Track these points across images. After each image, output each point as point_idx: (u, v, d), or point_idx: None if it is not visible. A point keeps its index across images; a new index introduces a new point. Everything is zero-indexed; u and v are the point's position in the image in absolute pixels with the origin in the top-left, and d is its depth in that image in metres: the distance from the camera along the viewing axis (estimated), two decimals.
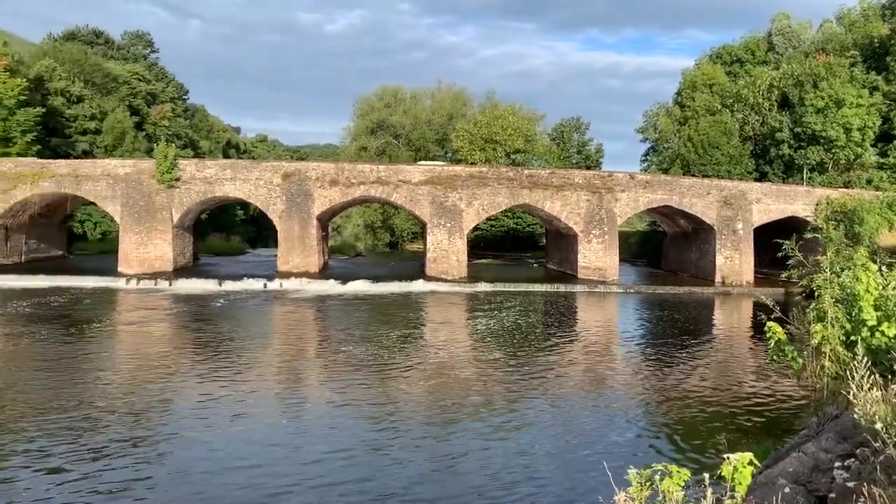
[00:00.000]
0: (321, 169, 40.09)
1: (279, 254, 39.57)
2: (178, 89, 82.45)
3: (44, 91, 54.12)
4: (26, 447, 12.68)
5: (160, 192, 38.56)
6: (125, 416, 14.50)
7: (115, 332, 25.04)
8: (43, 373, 18.02)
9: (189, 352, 21.90)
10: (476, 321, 27.50)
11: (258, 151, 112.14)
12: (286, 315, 29.34)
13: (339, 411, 15.26)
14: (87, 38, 75.09)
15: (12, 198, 38.44)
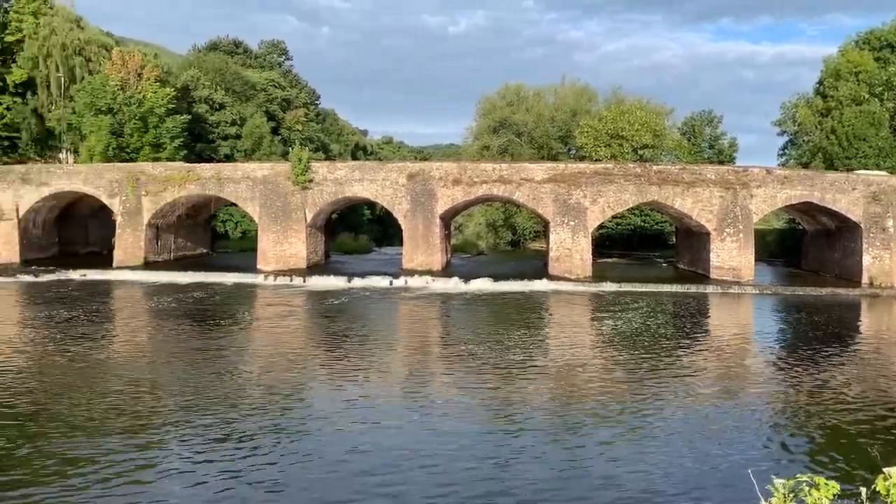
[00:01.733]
0: (444, 168, 40.61)
1: (404, 252, 40.44)
2: (310, 95, 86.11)
3: (189, 99, 58.06)
4: (174, 438, 13.64)
5: (295, 193, 40.40)
6: (262, 410, 15.28)
7: (253, 327, 26.49)
8: (188, 365, 19.33)
9: (320, 347, 22.81)
10: (601, 322, 26.95)
11: (384, 153, 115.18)
12: (411, 312, 29.95)
13: (462, 411, 15.38)
14: (228, 48, 79.84)
15: (162, 199, 41.46)
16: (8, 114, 52.38)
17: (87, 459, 12.05)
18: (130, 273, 38.74)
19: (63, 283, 36.25)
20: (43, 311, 27.68)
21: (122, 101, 49.08)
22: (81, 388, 16.38)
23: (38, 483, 11.10)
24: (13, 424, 13.84)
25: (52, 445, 12.72)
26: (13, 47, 54.13)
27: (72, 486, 11.01)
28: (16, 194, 41.67)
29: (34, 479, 11.22)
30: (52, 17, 54.65)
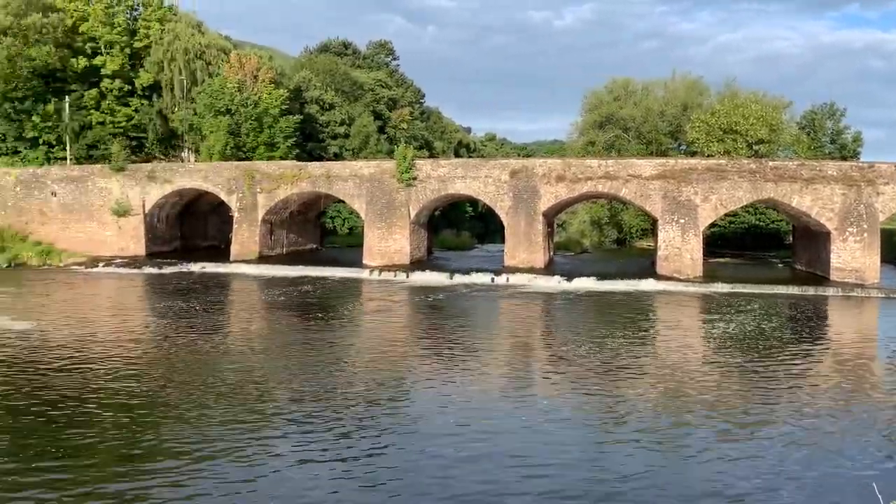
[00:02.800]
0: (547, 165, 40.25)
1: (506, 249, 40.39)
2: (415, 94, 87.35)
3: (301, 100, 60.15)
4: (284, 428, 14.21)
5: (399, 191, 41.14)
6: (366, 403, 15.68)
7: (358, 320, 27.21)
8: (296, 357, 20.08)
9: (422, 342, 23.13)
10: (712, 324, 25.97)
11: (487, 150, 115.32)
12: (512, 310, 29.87)
13: (563, 413, 15.22)
14: (338, 49, 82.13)
15: (276, 196, 43.20)
16: (136, 115, 55.93)
17: (202, 446, 12.74)
18: (245, 266, 40.61)
19: (184, 275, 38.44)
20: (164, 302, 29.47)
21: (239, 102, 51.42)
22: (197, 377, 17.32)
23: (155, 470, 11.84)
24: (132, 411, 14.81)
25: (168, 432, 13.51)
26: (141, 52, 57.73)
27: (186, 471, 11.67)
28: (142, 191, 44.49)
29: (152, 466, 11.98)
30: (176, 24, 57.91)
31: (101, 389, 16.00)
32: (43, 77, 52.62)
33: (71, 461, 11.85)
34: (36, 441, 12.79)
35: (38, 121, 51.47)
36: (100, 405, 14.91)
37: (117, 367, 17.97)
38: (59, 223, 44.63)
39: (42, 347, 20.23)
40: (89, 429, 13.46)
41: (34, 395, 15.48)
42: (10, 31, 50.79)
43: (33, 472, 11.33)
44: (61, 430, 13.36)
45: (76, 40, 54.82)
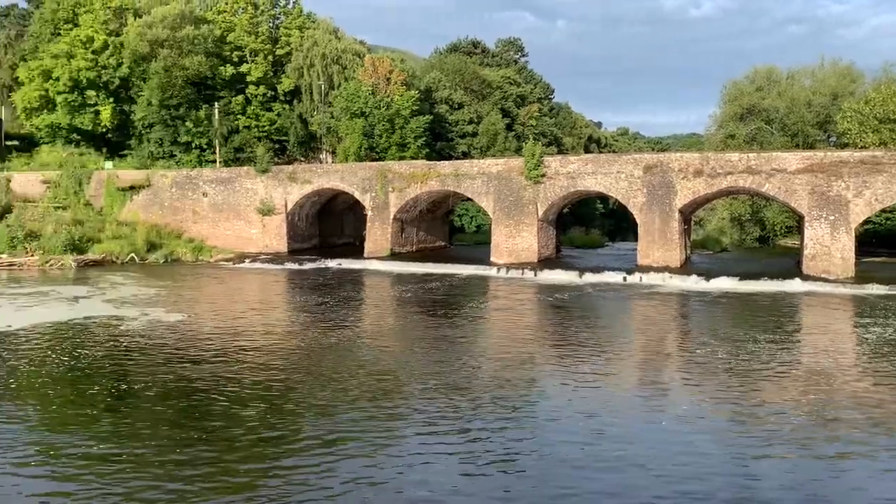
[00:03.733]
0: (684, 160, 38.71)
1: (639, 247, 39.24)
2: (544, 90, 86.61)
3: (431, 100, 61.16)
4: (413, 423, 14.48)
5: (527, 188, 40.95)
6: (493, 403, 15.70)
7: (485, 318, 27.33)
8: (425, 353, 20.44)
9: (551, 342, 22.90)
10: (865, 328, 24.03)
11: (619, 145, 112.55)
12: (645, 310, 28.97)
13: (701, 421, 14.58)
14: (467, 49, 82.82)
15: (407, 195, 44.21)
16: (279, 119, 58.98)
17: (333, 440, 13.24)
18: (378, 263, 41.86)
19: (322, 270, 40.14)
20: (303, 297, 30.90)
21: (372, 104, 53.03)
22: (330, 371, 18.02)
23: (288, 462, 12.41)
24: (270, 402, 15.61)
25: (302, 425, 14.14)
26: (283, 59, 60.81)
27: (317, 466, 12.14)
28: (284, 191, 46.85)
29: (286, 458, 12.56)
30: (315, 31, 60.56)
31: (244, 379, 16.99)
32: (195, 85, 56.55)
33: (213, 447, 12.65)
34: (182, 427, 13.74)
35: (190, 126, 55.39)
36: (241, 394, 15.83)
37: (259, 359, 19.04)
38: (210, 222, 47.83)
39: (191, 338, 21.76)
40: (230, 417, 14.31)
41: (182, 383, 16.66)
42: (167, 43, 54.96)
43: (180, 457, 12.19)
44: (205, 416, 14.29)
45: (224, 49, 58.55)
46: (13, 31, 74.28)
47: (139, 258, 42.53)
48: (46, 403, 15.38)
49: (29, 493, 10.72)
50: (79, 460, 11.96)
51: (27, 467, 11.65)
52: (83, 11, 58.87)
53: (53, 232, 41.25)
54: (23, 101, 59.97)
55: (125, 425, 13.78)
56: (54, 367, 17.98)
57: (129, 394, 15.97)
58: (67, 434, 13.28)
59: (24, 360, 18.80)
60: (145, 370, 17.77)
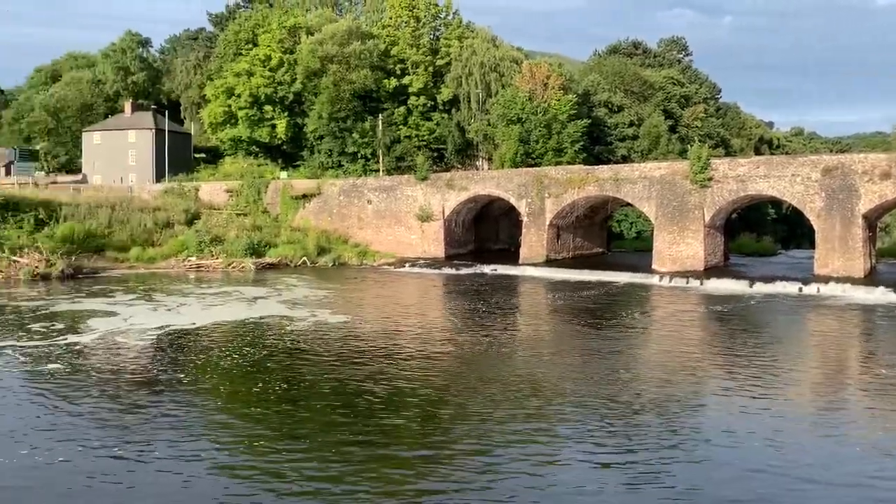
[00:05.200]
0: (869, 161, 35.42)
1: (816, 256, 36.36)
2: (710, 89, 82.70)
3: (589, 104, 60.21)
4: (569, 436, 14.26)
5: (693, 192, 39.21)
6: (651, 417, 15.13)
7: (645, 328, 26.41)
8: (580, 364, 20.09)
9: (717, 357, 21.72)
10: None
11: (792, 146, 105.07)
12: (823, 324, 26.75)
13: (880, 443, 13.26)
14: (627, 50, 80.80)
15: (563, 200, 43.78)
16: (437, 128, 60.52)
17: (484, 446, 13.30)
18: (533, 269, 41.74)
19: (478, 276, 40.65)
20: (460, 301, 31.42)
21: (529, 110, 53.04)
22: (484, 376, 18.15)
23: (441, 466, 12.59)
24: (425, 404, 15.93)
25: (455, 432, 14.28)
26: (442, 70, 62.34)
27: (467, 471, 12.24)
28: (442, 198, 47.95)
29: (440, 464, 12.75)
30: (473, 40, 61.55)
31: (401, 382, 17.49)
32: (361, 98, 59.31)
33: (369, 446, 13.07)
34: (341, 425, 14.31)
35: (357, 137, 58.16)
36: (398, 396, 16.32)
37: (416, 362, 19.57)
38: (373, 227, 49.91)
39: (353, 340, 22.74)
40: (387, 417, 14.77)
41: (343, 383, 17.40)
42: (336, 59, 58.07)
43: (338, 456, 12.73)
44: (363, 416, 14.84)
45: (388, 63, 60.95)
46: (201, 53, 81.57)
47: (310, 262, 45.16)
48: (219, 397, 16.67)
49: (201, 481, 11.63)
50: (246, 453, 12.83)
51: (199, 456, 12.62)
52: (262, 32, 63.58)
53: (235, 237, 44.78)
54: (209, 117, 65.74)
55: (289, 421, 14.61)
56: (228, 363, 19.46)
57: (295, 391, 16.94)
58: (237, 427, 14.29)
59: (203, 355, 20.50)
60: (310, 369, 18.79)
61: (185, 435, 13.58)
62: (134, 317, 25.95)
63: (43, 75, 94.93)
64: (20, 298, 30.12)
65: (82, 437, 13.29)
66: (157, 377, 17.93)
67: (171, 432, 13.74)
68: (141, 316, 26.18)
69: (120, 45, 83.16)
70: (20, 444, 12.95)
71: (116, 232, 43.51)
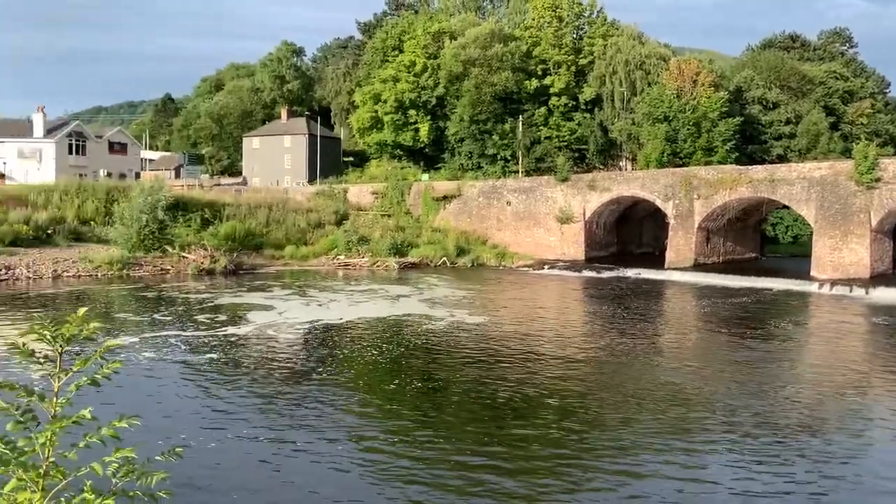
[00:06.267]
0: None
1: None
2: (878, 83, 76.21)
3: (741, 101, 57.18)
4: (715, 455, 13.57)
5: (858, 194, 36.26)
6: (807, 433, 14.14)
7: (801, 340, 24.72)
8: (731, 376, 19.05)
9: (885, 371, 19.93)
10: None
11: None
12: None
13: None
14: (784, 43, 76.02)
15: (713, 202, 41.81)
16: (579, 129, 59.70)
17: (625, 458, 12.91)
18: (679, 274, 40.16)
19: (619, 279, 39.67)
20: (600, 305, 30.79)
21: (677, 108, 51.17)
22: (625, 384, 17.65)
23: (579, 476, 12.35)
24: (563, 411, 15.68)
25: (593, 437, 14.00)
26: (585, 69, 61.43)
27: (607, 485, 11.92)
28: (583, 199, 47.20)
29: (575, 472, 12.51)
30: (618, 37, 60.19)
31: (537, 386, 17.34)
32: (501, 100, 59.59)
33: (500, 457, 12.93)
34: (473, 429, 14.33)
35: (496, 139, 58.49)
36: (532, 401, 16.16)
37: (553, 367, 19.36)
38: (512, 229, 49.96)
39: (490, 340, 22.84)
40: (523, 422, 14.67)
41: (479, 383, 17.50)
42: (478, 62, 58.71)
43: (473, 456, 12.78)
44: (498, 419, 14.86)
45: (529, 64, 60.86)
46: (350, 61, 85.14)
47: (450, 262, 45.92)
48: (359, 390, 17.28)
49: (335, 470, 12.08)
50: (383, 445, 13.19)
51: (336, 446, 13.11)
52: (407, 38, 65.43)
53: (380, 237, 46.34)
54: (357, 122, 68.45)
55: (425, 417, 14.91)
56: (369, 358, 20.15)
57: (430, 390, 17.27)
58: (372, 422, 14.73)
59: (346, 349, 21.36)
60: (445, 369, 19.08)
61: (326, 424, 14.20)
62: (288, 311, 27.47)
63: (208, 85, 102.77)
64: (188, 291, 32.71)
65: (232, 422, 14.19)
66: (304, 368, 18.90)
67: (313, 421, 14.41)
68: (294, 310, 27.67)
69: (276, 54, 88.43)
70: (176, 427, 13.78)
71: (273, 231, 46.25)
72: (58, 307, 27.30)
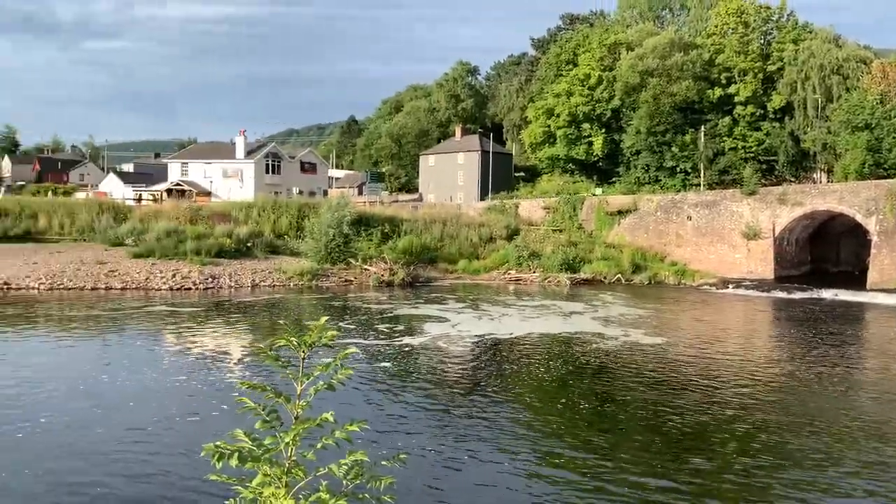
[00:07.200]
0: None
1: None
2: None
3: None
4: None
5: None
6: None
7: None
8: None
9: None
10: None
11: None
12: None
13: None
14: None
15: None
16: (767, 139, 56.02)
17: (823, 500, 11.79)
18: (884, 296, 36.36)
19: (813, 301, 36.61)
20: (791, 329, 28.53)
21: (880, 115, 46.61)
22: (814, 417, 16.10)
23: None
24: (747, 442, 14.51)
25: (785, 476, 12.81)
26: (773, 76, 57.63)
27: None
28: (772, 214, 44.17)
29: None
30: (811, 41, 55.92)
31: (718, 414, 16.25)
32: (681, 110, 57.36)
33: (680, 484, 12.24)
34: (643, 459, 13.52)
35: (676, 151, 56.34)
36: (716, 429, 15.17)
37: (736, 394, 18.09)
38: (693, 245, 47.76)
39: (668, 363, 21.81)
40: (701, 453, 13.79)
41: (656, 407, 16.68)
42: (656, 72, 56.96)
43: (655, 481, 12.18)
44: (673, 449, 14.04)
45: (712, 72, 58.12)
46: (523, 77, 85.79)
47: (624, 279, 44.72)
48: (526, 407, 17.11)
49: (497, 486, 12.00)
50: (549, 467, 12.94)
51: (500, 461, 13.02)
52: (582, 51, 64.91)
53: (551, 252, 46.12)
54: (529, 138, 68.81)
55: (593, 441, 14.39)
56: (538, 375, 19.95)
57: (598, 413, 16.71)
58: (536, 441, 14.45)
59: (515, 364, 21.32)
60: (616, 391, 18.43)
61: (491, 439, 14.21)
62: (461, 323, 28.02)
63: (388, 106, 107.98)
64: (370, 301, 34.35)
65: (401, 432, 14.54)
66: (473, 381, 19.11)
67: (480, 433, 14.49)
68: (466, 323, 28.18)
69: (452, 74, 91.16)
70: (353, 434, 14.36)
71: (447, 245, 47.54)
72: (256, 314, 29.73)
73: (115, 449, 13.03)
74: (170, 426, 14.56)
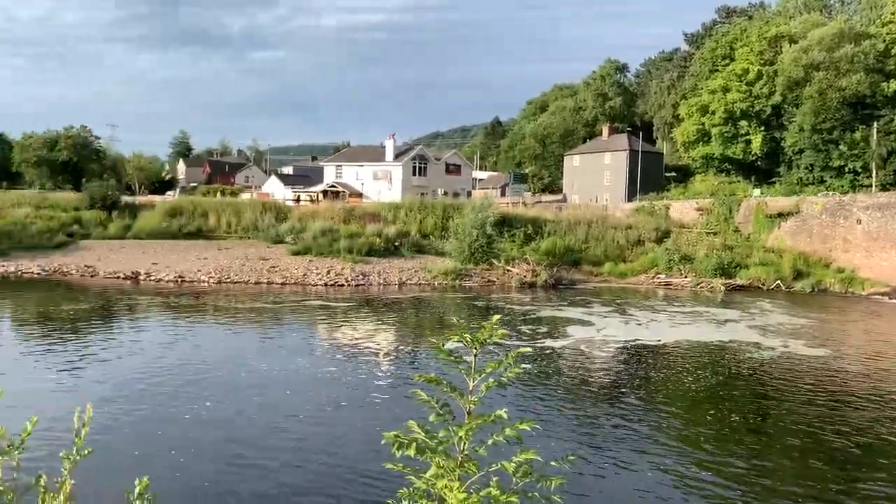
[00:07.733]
0: None
1: None
2: None
3: None
4: None
5: None
6: None
7: None
8: None
9: None
10: None
11: None
12: None
13: None
14: None
15: None
16: None
17: None
18: None
19: None
20: None
21: None
22: None
23: None
24: None
25: None
26: None
27: None
28: None
29: None
30: None
31: (887, 434, 14.92)
32: (850, 106, 53.07)
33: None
34: (807, 476, 12.76)
35: (844, 149, 52.18)
36: (884, 451, 13.98)
37: None
38: (863, 251, 44.03)
39: (830, 377, 20.26)
40: (869, 476, 12.75)
41: (810, 427, 15.53)
42: (822, 65, 53.02)
43: None
44: (836, 469, 13.06)
45: (887, 64, 53.35)
46: (675, 74, 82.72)
47: (784, 286, 42.02)
48: (671, 416, 16.46)
49: (660, 498, 11.57)
50: (709, 483, 12.38)
51: (645, 472, 12.59)
52: (739, 45, 61.64)
53: (705, 256, 44.12)
54: (682, 136, 66.23)
55: (746, 456, 13.63)
56: (686, 383, 19.17)
57: (754, 424, 15.84)
58: (684, 452, 13.83)
59: (661, 372, 20.63)
60: (772, 405, 17.36)
61: (635, 448, 13.84)
62: (606, 328, 27.48)
63: (533, 107, 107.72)
64: (512, 302, 34.46)
65: (543, 436, 14.31)
66: (617, 387, 18.71)
67: (626, 441, 14.15)
68: (612, 327, 27.59)
69: (600, 72, 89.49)
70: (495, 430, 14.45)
71: (591, 247, 46.72)
72: (403, 311, 30.69)
73: (271, 435, 13.93)
74: (320, 415, 15.40)
